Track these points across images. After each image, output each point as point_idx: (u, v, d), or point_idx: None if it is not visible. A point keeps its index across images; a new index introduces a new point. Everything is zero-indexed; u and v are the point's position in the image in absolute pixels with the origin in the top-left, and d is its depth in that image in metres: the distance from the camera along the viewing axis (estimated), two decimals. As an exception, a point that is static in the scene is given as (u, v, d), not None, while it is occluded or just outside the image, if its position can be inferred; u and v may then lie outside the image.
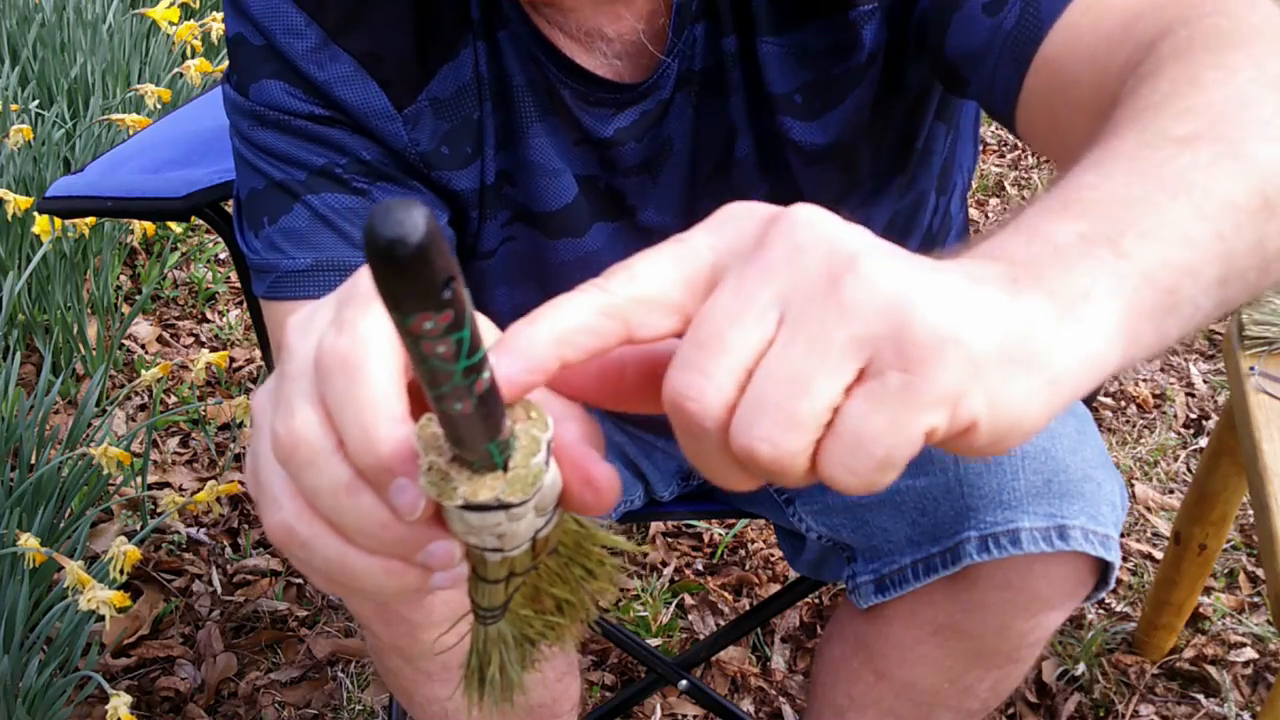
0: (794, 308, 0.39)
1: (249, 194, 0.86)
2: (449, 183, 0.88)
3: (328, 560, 0.42)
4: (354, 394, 0.39)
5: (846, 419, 0.38)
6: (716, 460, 0.41)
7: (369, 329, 0.40)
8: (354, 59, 0.83)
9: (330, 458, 0.40)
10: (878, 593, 1.04)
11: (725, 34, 0.84)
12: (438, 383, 0.36)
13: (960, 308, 0.38)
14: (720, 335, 0.39)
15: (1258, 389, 1.15)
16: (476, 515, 0.40)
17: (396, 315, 0.34)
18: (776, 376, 0.38)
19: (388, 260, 0.31)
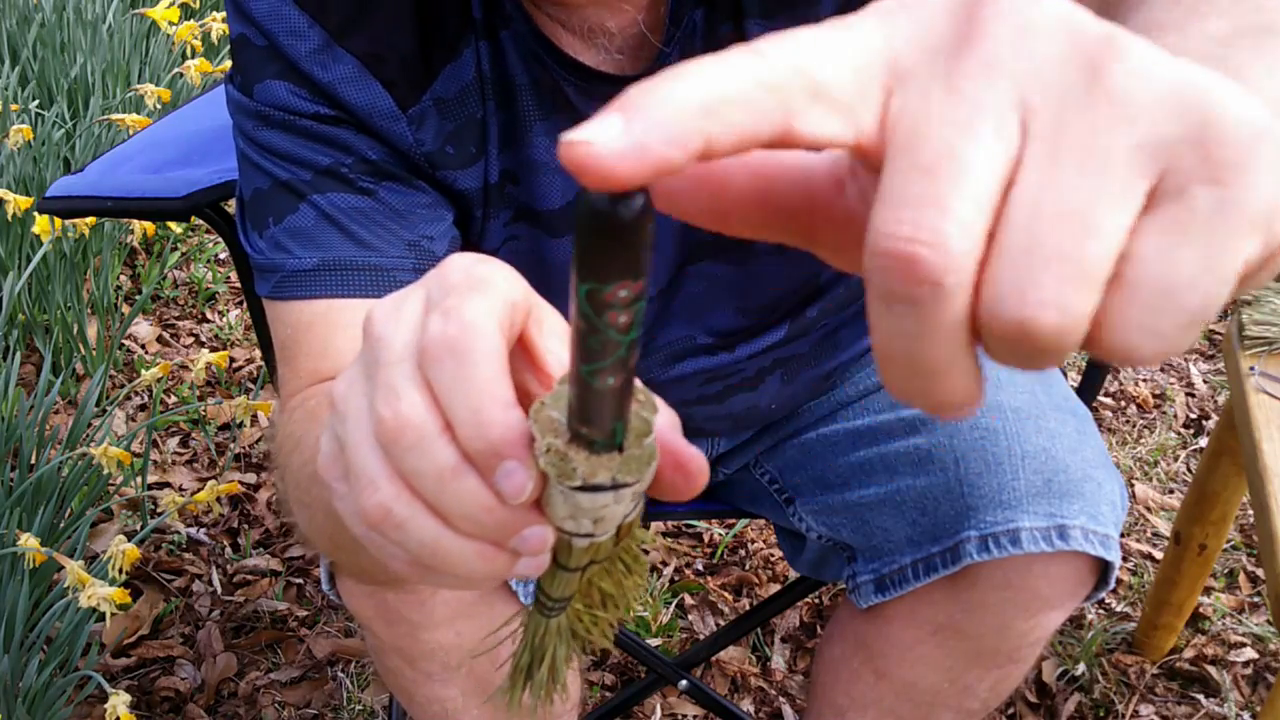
0: (1044, 112, 0.28)
1: (253, 194, 0.86)
2: (453, 182, 0.88)
3: (422, 543, 0.42)
4: (466, 377, 0.40)
5: (1145, 263, 0.28)
6: (952, 351, 0.29)
7: (477, 316, 0.40)
8: (357, 60, 0.83)
9: (436, 440, 0.40)
10: (878, 592, 1.04)
11: (723, 20, 0.84)
12: (602, 356, 0.36)
13: (1249, 98, 0.29)
14: (952, 150, 0.28)
15: (1258, 389, 1.15)
16: (588, 496, 0.41)
17: (594, 284, 0.33)
18: (1047, 211, 0.28)
19: (608, 223, 0.31)
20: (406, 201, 0.86)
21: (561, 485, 0.40)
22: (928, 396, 0.31)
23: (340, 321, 0.83)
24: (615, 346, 0.36)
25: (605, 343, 0.35)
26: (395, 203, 0.85)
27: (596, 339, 0.35)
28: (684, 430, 1.05)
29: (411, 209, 0.86)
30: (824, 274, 1.00)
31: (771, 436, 1.17)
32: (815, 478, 1.12)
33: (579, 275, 0.33)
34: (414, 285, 0.44)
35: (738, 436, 1.18)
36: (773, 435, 1.17)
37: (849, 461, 1.07)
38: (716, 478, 1.25)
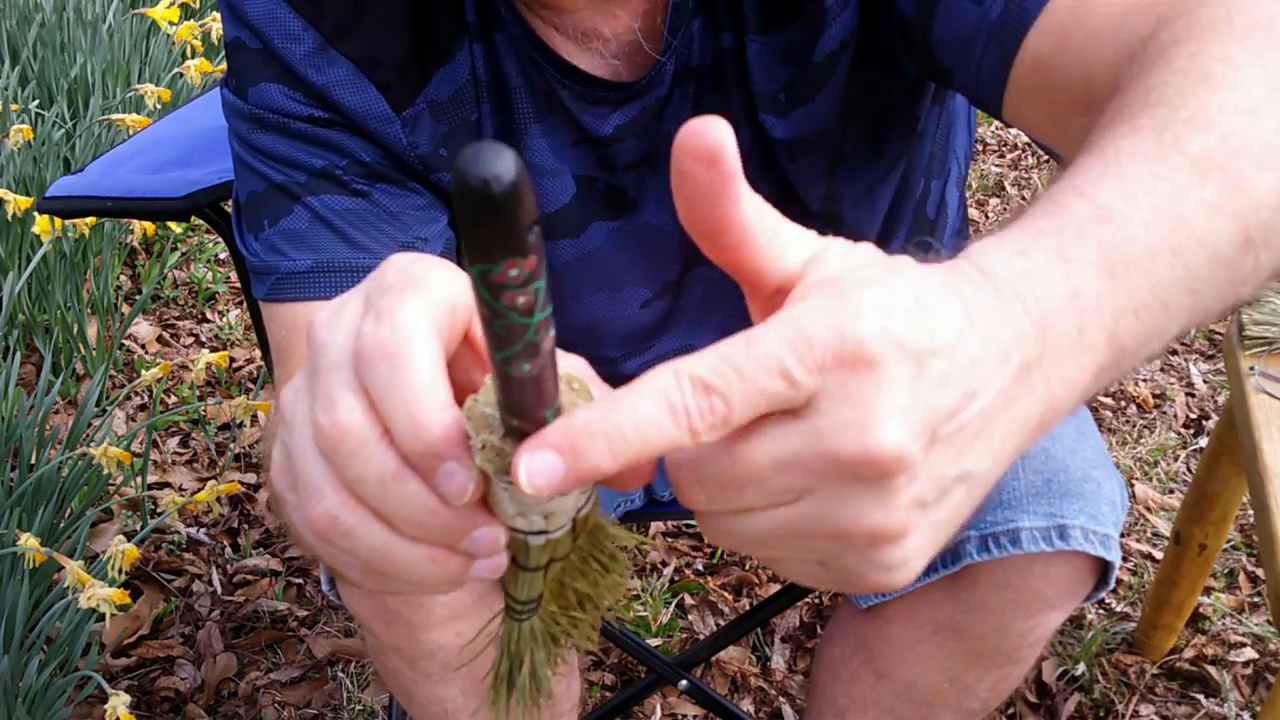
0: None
1: (249, 197, 0.86)
2: (448, 185, 0.88)
3: (371, 549, 0.42)
4: (399, 381, 0.39)
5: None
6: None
7: (409, 317, 0.40)
8: (351, 63, 0.83)
9: (376, 446, 0.40)
10: (877, 592, 1.04)
11: (723, 30, 0.84)
12: (510, 341, 0.36)
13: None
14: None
15: (1258, 389, 1.15)
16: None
17: (483, 265, 0.33)
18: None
19: (481, 201, 0.31)
20: (400, 203, 0.86)
21: (503, 481, 0.40)
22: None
23: None
24: (521, 330, 0.35)
25: (510, 327, 0.35)
26: (389, 204, 0.85)
27: (501, 324, 0.35)
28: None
29: (405, 211, 0.86)
30: None
31: (771, 436, 1.17)
32: None
33: (468, 258, 0.34)
34: (354, 289, 0.43)
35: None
36: (773, 435, 1.16)
37: (849, 461, 1.07)
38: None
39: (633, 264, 0.96)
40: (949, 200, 1.07)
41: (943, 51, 0.78)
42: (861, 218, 0.95)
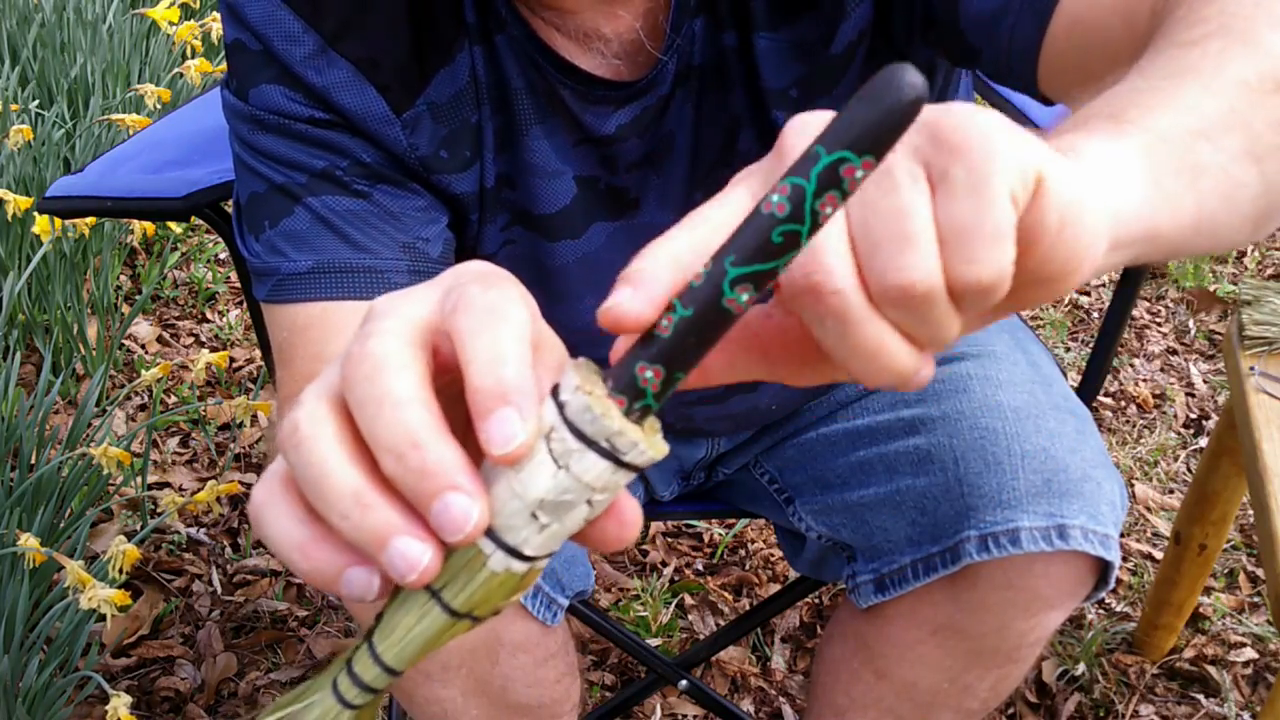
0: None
1: (249, 198, 0.86)
2: (449, 186, 0.88)
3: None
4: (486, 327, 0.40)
5: (945, 222, 0.39)
6: (875, 331, 0.40)
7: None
8: (351, 65, 0.83)
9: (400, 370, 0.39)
10: (878, 592, 1.04)
11: (725, 29, 0.84)
12: (773, 254, 0.36)
13: (974, 109, 0.41)
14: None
15: (1258, 389, 1.15)
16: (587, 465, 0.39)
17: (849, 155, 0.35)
18: (871, 216, 0.40)
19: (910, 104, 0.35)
20: (401, 204, 0.86)
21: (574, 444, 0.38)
22: (887, 373, 0.41)
23: (335, 324, 0.83)
24: (794, 241, 0.36)
25: (789, 237, 0.36)
26: (390, 205, 0.85)
27: (783, 230, 0.36)
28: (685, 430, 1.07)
29: (406, 211, 0.86)
30: None
31: (771, 436, 1.17)
32: (815, 477, 1.12)
33: (833, 143, 0.35)
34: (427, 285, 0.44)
35: (738, 436, 1.18)
36: (772, 435, 1.17)
37: (849, 461, 1.07)
38: (717, 478, 1.25)
39: None
40: None
41: (971, 29, 0.79)
42: None
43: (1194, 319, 2.53)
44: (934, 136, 0.40)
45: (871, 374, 0.41)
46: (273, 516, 0.41)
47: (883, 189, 0.39)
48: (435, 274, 0.88)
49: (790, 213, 0.35)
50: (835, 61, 0.85)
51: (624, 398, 0.39)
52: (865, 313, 0.40)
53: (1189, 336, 2.48)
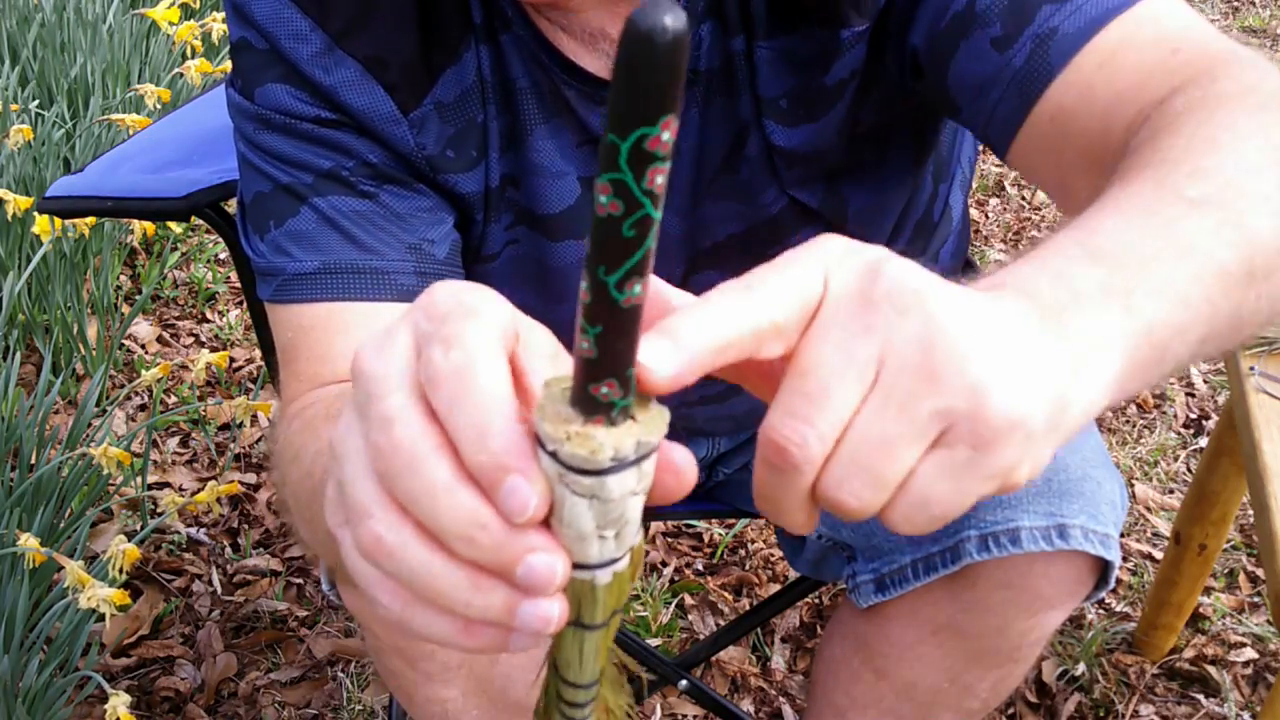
0: (889, 370, 0.42)
1: (254, 197, 0.86)
2: (454, 186, 0.88)
3: (413, 570, 0.40)
4: (469, 395, 0.39)
5: (917, 481, 0.43)
6: (794, 500, 0.44)
7: (477, 341, 0.40)
8: (359, 64, 0.83)
9: (430, 457, 0.39)
10: (878, 592, 1.04)
11: (733, 34, 0.84)
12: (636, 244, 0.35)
13: (1026, 387, 0.43)
14: (827, 390, 0.42)
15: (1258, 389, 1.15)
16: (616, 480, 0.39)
17: (642, 129, 0.33)
18: (871, 438, 0.42)
19: (653, 49, 0.32)
20: (407, 205, 0.86)
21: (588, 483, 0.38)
22: (777, 519, 0.46)
23: (341, 325, 0.83)
24: (647, 226, 0.35)
25: (641, 223, 0.35)
26: (396, 206, 0.85)
27: (633, 222, 0.35)
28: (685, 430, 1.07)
29: (412, 212, 0.86)
30: None
31: (771, 437, 1.17)
32: None
33: (626, 124, 0.33)
34: (398, 321, 0.43)
35: (738, 436, 1.18)
36: (773, 435, 1.17)
37: (849, 461, 1.07)
38: (716, 477, 1.25)
39: None
40: (953, 204, 1.07)
41: (956, 90, 0.79)
42: (868, 222, 0.95)
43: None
44: (975, 416, 0.42)
45: (771, 515, 0.46)
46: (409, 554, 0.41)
47: (898, 421, 0.42)
48: (441, 276, 0.88)
49: (626, 206, 0.34)
50: (827, 91, 0.86)
51: (600, 416, 0.39)
52: (803, 491, 0.44)
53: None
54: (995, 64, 0.76)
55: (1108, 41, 0.73)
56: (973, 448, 0.42)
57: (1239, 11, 4.06)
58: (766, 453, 0.43)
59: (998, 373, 0.42)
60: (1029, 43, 0.74)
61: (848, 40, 0.83)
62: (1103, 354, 0.46)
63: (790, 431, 0.42)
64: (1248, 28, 3.93)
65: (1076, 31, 0.73)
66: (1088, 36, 0.73)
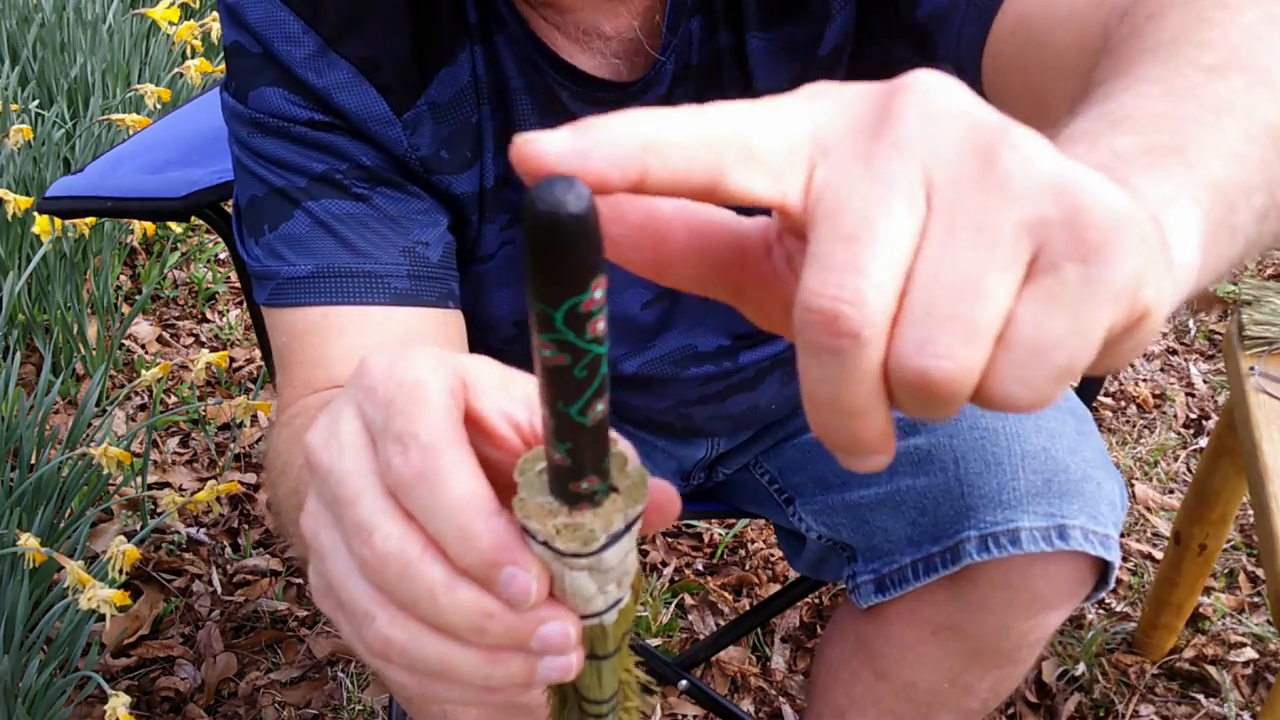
0: (944, 189, 0.33)
1: (249, 201, 0.86)
2: (449, 187, 0.88)
3: (429, 662, 0.40)
4: (442, 500, 0.38)
5: (1023, 324, 0.32)
6: (868, 395, 0.33)
7: (433, 435, 0.38)
8: (352, 65, 0.83)
9: (421, 562, 0.38)
10: (878, 592, 1.04)
11: (721, 29, 0.84)
12: (589, 381, 0.33)
13: (1119, 190, 0.34)
14: (870, 221, 0.32)
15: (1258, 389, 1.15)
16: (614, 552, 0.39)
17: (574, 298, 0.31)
18: (944, 279, 0.32)
19: (571, 226, 0.30)
20: (401, 207, 0.86)
21: (584, 561, 0.38)
22: (848, 435, 0.34)
23: (334, 329, 0.83)
24: (597, 363, 0.33)
25: (593, 364, 0.33)
26: (390, 209, 0.85)
27: (584, 364, 0.33)
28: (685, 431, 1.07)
29: (406, 215, 0.86)
30: None
31: (771, 436, 1.17)
32: (815, 478, 1.12)
33: (553, 297, 0.31)
34: (339, 400, 0.41)
35: (737, 437, 1.18)
36: (772, 435, 1.17)
37: (849, 461, 1.07)
38: (716, 477, 1.25)
39: None
40: None
41: (930, 26, 0.78)
42: None
43: (1194, 319, 2.53)
44: (1073, 219, 0.32)
45: (831, 432, 0.35)
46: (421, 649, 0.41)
47: (976, 246, 0.32)
48: (435, 278, 0.88)
49: (573, 357, 0.33)
50: (823, 63, 0.86)
51: (585, 504, 0.38)
52: (872, 374, 0.33)
53: (1189, 336, 2.48)
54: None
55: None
56: (1082, 261, 0.32)
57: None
58: (812, 334, 0.32)
59: (1079, 170, 0.33)
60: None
61: (836, 3, 0.83)
62: (1179, 205, 0.39)
63: (836, 289, 0.32)
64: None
65: None
66: None
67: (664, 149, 0.34)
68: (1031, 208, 0.32)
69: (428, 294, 0.86)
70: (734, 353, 1.02)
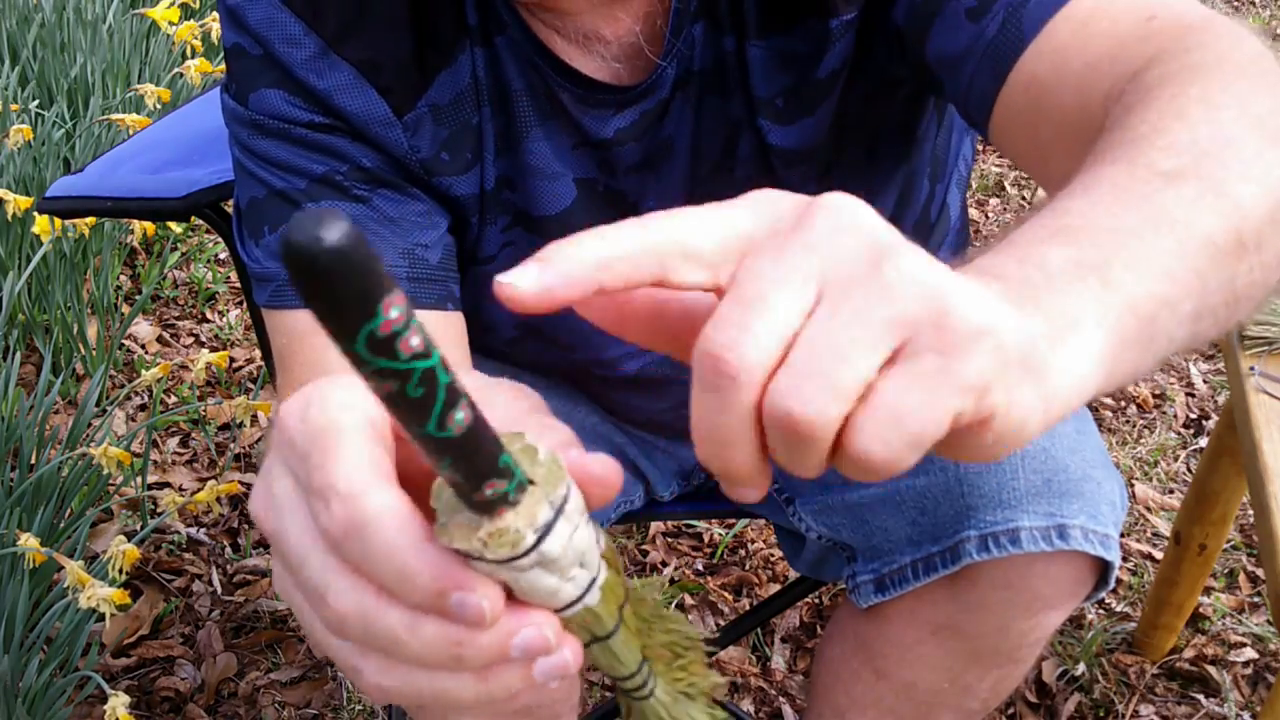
0: (835, 284, 0.39)
1: (249, 203, 0.86)
2: (449, 188, 0.88)
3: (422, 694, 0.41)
4: (373, 546, 0.38)
5: (883, 392, 0.39)
6: (738, 430, 0.40)
7: (348, 482, 0.39)
8: (353, 67, 0.83)
9: (377, 610, 0.39)
10: (878, 592, 1.04)
11: (725, 33, 0.84)
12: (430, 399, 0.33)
13: (990, 306, 0.40)
14: (764, 295, 0.39)
15: (1258, 389, 1.15)
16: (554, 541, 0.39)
17: (366, 324, 0.31)
18: (818, 345, 0.39)
19: (334, 261, 0.29)
20: (401, 209, 0.86)
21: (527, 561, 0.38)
22: (721, 462, 0.41)
23: None
24: (432, 376, 0.33)
25: (424, 379, 0.33)
26: (389, 211, 0.85)
27: (414, 383, 0.33)
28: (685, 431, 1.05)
29: (405, 217, 0.86)
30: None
31: (771, 437, 1.17)
32: (815, 478, 1.12)
33: (344, 333, 0.31)
34: (269, 458, 0.42)
35: (737, 437, 1.18)
36: (772, 435, 1.17)
37: (849, 461, 1.07)
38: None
39: None
40: (950, 203, 1.07)
41: (937, 66, 0.79)
42: None
43: (1194, 319, 2.53)
44: (938, 321, 0.38)
45: (708, 458, 0.41)
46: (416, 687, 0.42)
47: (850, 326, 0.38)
48: (435, 280, 0.88)
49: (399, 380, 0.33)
50: (819, 84, 0.86)
51: (502, 507, 0.38)
52: (744, 412, 0.39)
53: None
54: (970, 35, 0.75)
55: (1080, 9, 0.72)
56: (939, 353, 0.38)
57: (1239, 11, 4.06)
58: (701, 369, 0.39)
59: (959, 285, 0.39)
60: (1001, 11, 0.74)
61: (837, 29, 0.83)
62: (1083, 328, 0.44)
63: (724, 337, 0.39)
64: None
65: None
66: (1060, 4, 0.72)
67: (614, 264, 0.41)
68: (903, 307, 0.39)
69: (427, 296, 0.86)
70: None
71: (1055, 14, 0.72)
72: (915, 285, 0.39)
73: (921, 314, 0.39)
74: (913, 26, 0.79)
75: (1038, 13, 0.73)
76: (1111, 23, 0.70)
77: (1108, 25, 0.70)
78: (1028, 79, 0.73)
